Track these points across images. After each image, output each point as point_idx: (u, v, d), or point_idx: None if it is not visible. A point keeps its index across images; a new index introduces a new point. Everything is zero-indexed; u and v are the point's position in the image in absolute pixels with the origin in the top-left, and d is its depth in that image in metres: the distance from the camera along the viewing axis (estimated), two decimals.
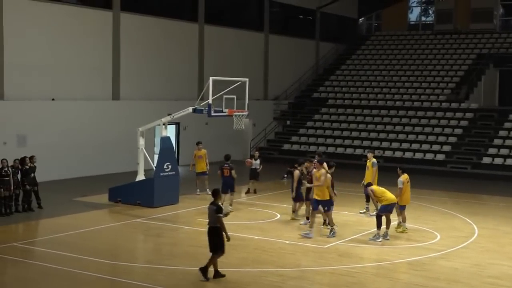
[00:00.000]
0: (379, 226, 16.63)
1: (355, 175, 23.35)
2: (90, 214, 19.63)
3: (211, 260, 13.05)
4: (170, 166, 20.88)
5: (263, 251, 15.46)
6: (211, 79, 19.77)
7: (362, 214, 20.03)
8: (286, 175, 21.62)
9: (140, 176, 21.53)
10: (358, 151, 32.99)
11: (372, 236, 16.77)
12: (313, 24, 42.75)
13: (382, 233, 16.64)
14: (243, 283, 12.91)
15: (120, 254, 15.46)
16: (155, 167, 21.03)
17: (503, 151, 30.75)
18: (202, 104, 20.72)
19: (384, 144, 33.54)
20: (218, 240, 12.95)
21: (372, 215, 18.54)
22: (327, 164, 17.96)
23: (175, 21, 32.02)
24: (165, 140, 21.18)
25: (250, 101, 21.71)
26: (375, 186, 17.49)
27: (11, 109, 24.58)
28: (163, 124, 21.25)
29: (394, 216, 17.31)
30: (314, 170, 17.08)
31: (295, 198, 18.92)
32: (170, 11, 32.21)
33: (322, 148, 33.03)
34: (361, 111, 36.70)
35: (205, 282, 12.86)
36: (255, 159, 23.77)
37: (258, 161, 23.73)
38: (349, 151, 33.70)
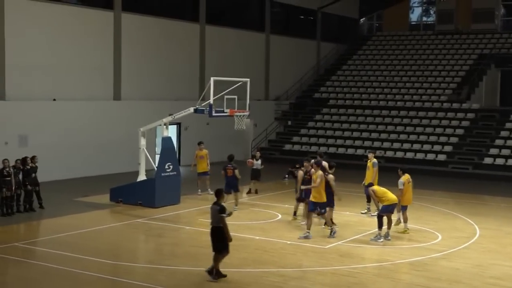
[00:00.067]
0: (380, 226, 16.61)
1: (356, 175, 23.33)
2: (92, 214, 19.64)
3: (217, 260, 13.01)
4: (171, 166, 20.88)
5: (264, 251, 15.45)
6: (212, 79, 19.78)
7: (363, 214, 20.02)
8: (287, 176, 21.60)
9: (142, 176, 21.55)
10: (359, 152, 32.95)
11: (373, 237, 16.75)
12: (314, 24, 42.74)
13: (383, 233, 16.63)
14: (244, 284, 12.89)
15: (121, 254, 15.47)
16: (156, 167, 21.03)
17: (505, 152, 30.71)
18: (203, 104, 20.71)
19: (386, 144, 33.50)
20: (222, 240, 12.93)
21: (373, 215, 18.53)
22: (328, 165, 17.95)
23: (176, 21, 32.03)
24: (166, 140, 21.18)
25: (251, 101, 21.72)
26: (377, 187, 17.46)
27: (12, 109, 24.60)
28: (164, 124, 21.24)
29: (394, 216, 17.31)
30: (312, 171, 17.05)
31: (299, 199, 18.89)
32: (171, 11, 32.22)
33: (323, 149, 32.95)
34: (362, 111, 36.68)
35: (205, 281, 12.83)
36: (256, 160, 23.79)
37: (259, 161, 23.76)
38: (350, 151, 33.68)
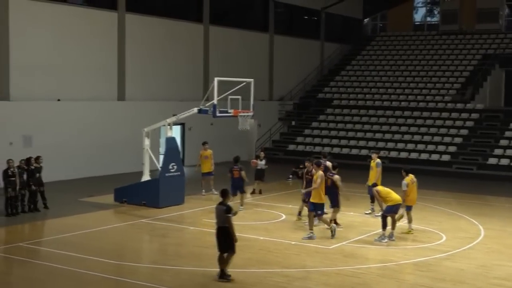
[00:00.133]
0: (384, 227, 16.59)
1: (360, 175, 23.28)
2: (96, 214, 19.67)
3: (225, 261, 12.99)
4: (175, 167, 20.90)
5: (268, 251, 15.45)
6: (216, 79, 19.77)
7: (367, 215, 20.01)
8: (291, 176, 21.58)
9: (146, 177, 21.56)
10: (363, 152, 32.89)
11: (377, 237, 16.73)
12: (318, 25, 42.73)
13: (387, 234, 16.60)
14: (248, 284, 12.89)
15: (126, 254, 15.49)
16: (160, 167, 21.06)
17: (509, 152, 30.64)
18: (207, 105, 20.72)
19: (390, 144, 33.48)
20: (229, 239, 12.91)
21: (377, 215, 18.52)
22: (331, 165, 17.93)
23: (180, 21, 32.06)
24: (170, 140, 21.20)
25: (255, 101, 21.70)
26: (381, 187, 17.42)
27: (17, 109, 24.65)
28: (168, 125, 21.26)
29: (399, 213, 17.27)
30: (313, 171, 17.04)
31: (305, 200, 18.81)
32: (175, 11, 32.26)
33: (327, 149, 32.95)
34: (366, 111, 36.66)
35: (209, 282, 12.85)
36: (260, 160, 23.79)
37: (263, 161, 23.75)
38: (354, 151, 33.66)
